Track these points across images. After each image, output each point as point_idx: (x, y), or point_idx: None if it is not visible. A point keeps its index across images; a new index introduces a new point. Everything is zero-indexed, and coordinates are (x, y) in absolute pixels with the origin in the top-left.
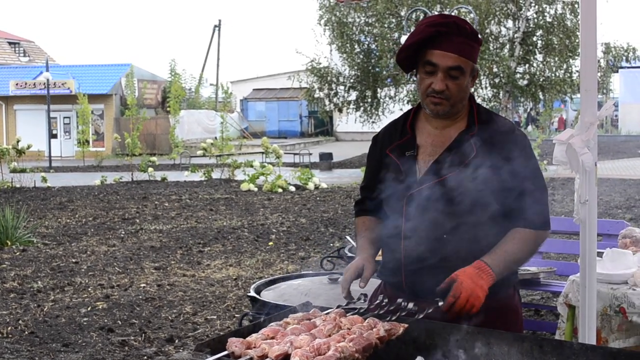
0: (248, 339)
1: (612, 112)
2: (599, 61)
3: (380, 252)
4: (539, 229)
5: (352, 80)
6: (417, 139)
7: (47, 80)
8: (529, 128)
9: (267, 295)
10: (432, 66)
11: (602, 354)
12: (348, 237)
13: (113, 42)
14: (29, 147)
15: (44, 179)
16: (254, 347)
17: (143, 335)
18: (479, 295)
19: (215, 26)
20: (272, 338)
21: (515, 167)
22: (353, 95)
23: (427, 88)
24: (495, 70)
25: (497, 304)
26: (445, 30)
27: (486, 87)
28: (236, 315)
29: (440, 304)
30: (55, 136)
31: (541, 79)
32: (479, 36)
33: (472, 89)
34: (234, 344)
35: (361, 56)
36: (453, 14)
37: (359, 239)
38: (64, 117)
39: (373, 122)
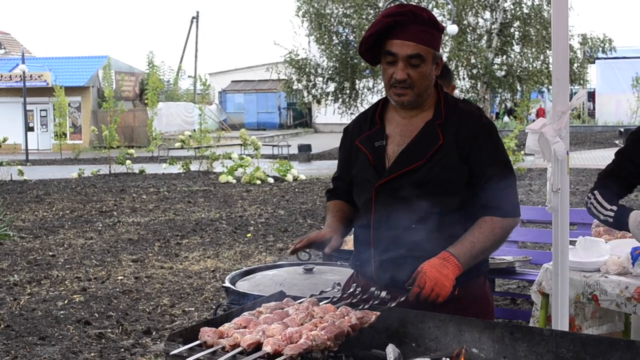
0: (220, 328)
1: (583, 101)
2: (575, 52)
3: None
4: (508, 217)
5: (330, 72)
6: (386, 129)
7: (23, 72)
8: (505, 119)
9: (242, 286)
10: (392, 56)
11: (572, 339)
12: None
13: (90, 34)
14: (5, 140)
15: (21, 172)
16: (227, 337)
17: (120, 327)
18: (445, 285)
19: (193, 18)
20: (245, 327)
21: (483, 154)
22: (331, 86)
23: (389, 79)
24: (472, 61)
25: (468, 292)
26: (402, 20)
27: (464, 78)
28: (214, 307)
29: (406, 293)
30: (31, 129)
31: (518, 70)
32: (443, 24)
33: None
34: (207, 334)
35: (339, 48)
36: (430, 5)
37: (328, 218)
38: (41, 110)
39: (352, 113)
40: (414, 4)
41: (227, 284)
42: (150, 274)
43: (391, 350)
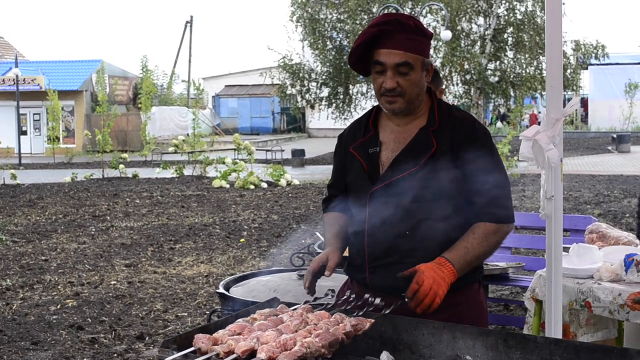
0: (215, 335)
1: (577, 108)
2: (569, 58)
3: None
4: (502, 223)
5: (324, 77)
6: (380, 135)
7: (17, 76)
8: (498, 124)
9: (236, 292)
10: (380, 65)
11: (565, 347)
12: (317, 233)
13: (83, 38)
14: None
15: (14, 176)
16: (221, 343)
17: (113, 332)
18: (442, 285)
19: (187, 22)
20: (239, 334)
21: (477, 161)
22: (325, 91)
23: (380, 88)
24: (466, 67)
25: (463, 298)
26: (388, 29)
27: (457, 84)
28: (207, 312)
29: (405, 297)
30: (25, 133)
31: (512, 76)
32: (429, 30)
33: (443, 86)
34: (201, 340)
35: (333, 53)
36: (424, 10)
37: (326, 235)
38: (34, 114)
39: (345, 118)
40: (408, 9)
41: (221, 289)
42: (144, 278)
43: (385, 358)
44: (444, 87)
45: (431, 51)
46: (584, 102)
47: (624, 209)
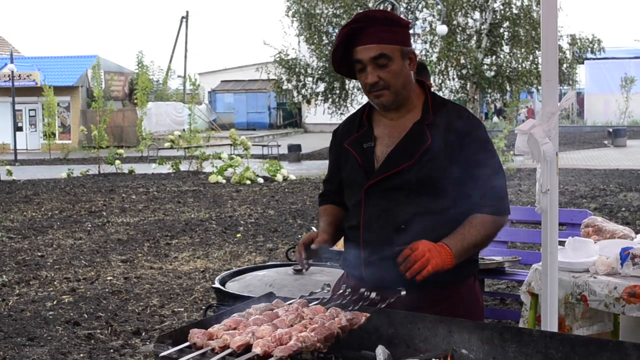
0: (210, 329)
1: (572, 102)
2: (564, 52)
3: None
4: (497, 214)
5: (320, 72)
6: (375, 130)
7: (12, 72)
8: (495, 119)
9: (232, 287)
10: (360, 63)
11: (561, 340)
12: (313, 228)
13: (79, 33)
14: None
15: (9, 172)
16: (216, 338)
17: (109, 328)
18: (436, 257)
19: (183, 17)
20: (234, 329)
21: (471, 153)
22: (321, 86)
23: (365, 85)
24: (462, 61)
25: (458, 292)
26: (360, 26)
27: (454, 79)
28: (203, 308)
29: (401, 291)
30: (20, 129)
31: (508, 70)
32: (404, 19)
33: (440, 81)
34: (196, 335)
35: (329, 48)
36: (420, 5)
37: (320, 223)
38: (30, 110)
39: (341, 113)
40: (404, 4)
41: (217, 284)
42: (140, 274)
43: (381, 352)
44: (439, 82)
45: (427, 46)
46: (580, 97)
47: (620, 203)
